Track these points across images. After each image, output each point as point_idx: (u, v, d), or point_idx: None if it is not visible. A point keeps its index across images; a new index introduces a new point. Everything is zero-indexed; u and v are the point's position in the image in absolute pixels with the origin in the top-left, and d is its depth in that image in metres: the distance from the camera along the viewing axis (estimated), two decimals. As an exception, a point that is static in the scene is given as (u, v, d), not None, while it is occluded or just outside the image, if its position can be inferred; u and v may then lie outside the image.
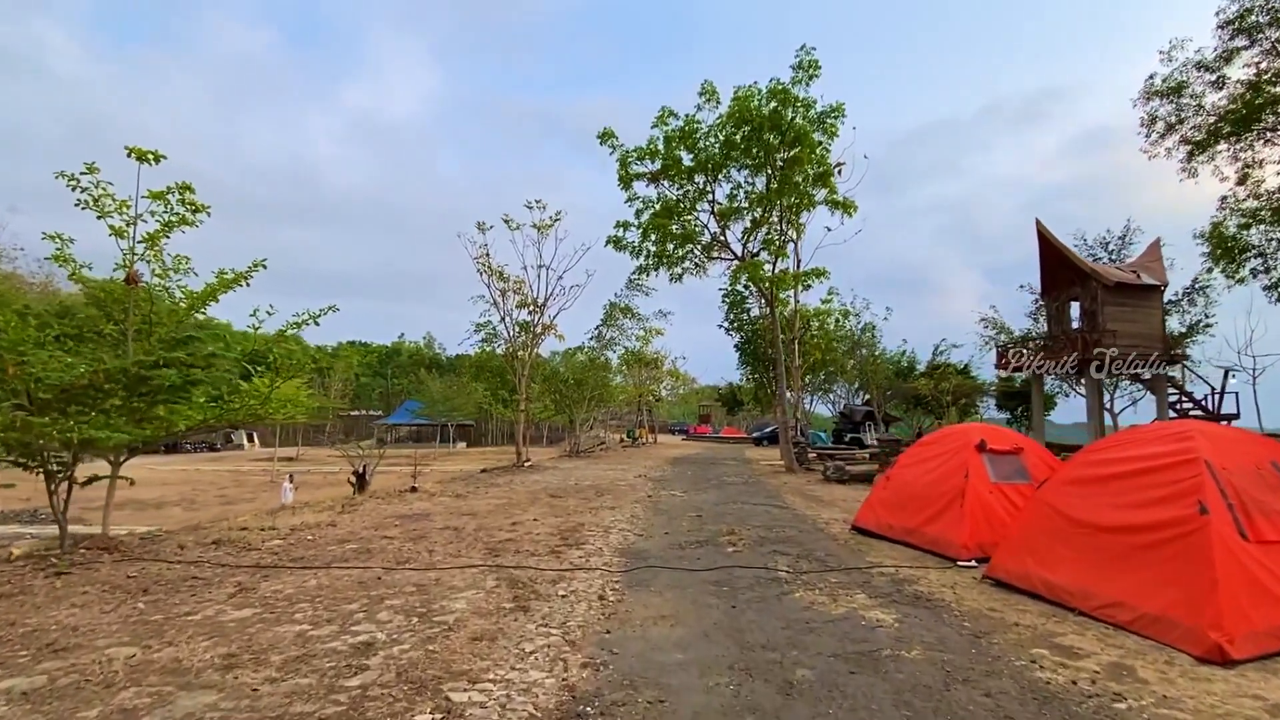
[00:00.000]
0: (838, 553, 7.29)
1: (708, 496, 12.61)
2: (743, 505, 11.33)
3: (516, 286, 20.00)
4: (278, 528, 8.19)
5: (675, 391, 50.16)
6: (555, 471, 18.13)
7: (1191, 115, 16.09)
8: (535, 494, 12.35)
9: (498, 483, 14.41)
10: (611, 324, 26.09)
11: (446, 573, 5.90)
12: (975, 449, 7.53)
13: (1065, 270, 18.21)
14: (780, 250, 17.94)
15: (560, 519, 9.28)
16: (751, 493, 13.41)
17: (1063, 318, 18.78)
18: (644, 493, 12.98)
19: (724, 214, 19.35)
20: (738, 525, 9.06)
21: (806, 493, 13.53)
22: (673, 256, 20.02)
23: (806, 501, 12.03)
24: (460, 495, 12.00)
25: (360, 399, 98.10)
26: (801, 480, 16.38)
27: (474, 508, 10.32)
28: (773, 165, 17.76)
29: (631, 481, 15.30)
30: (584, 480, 15.34)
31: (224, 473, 39.03)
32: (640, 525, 8.99)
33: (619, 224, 18.76)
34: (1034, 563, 5.58)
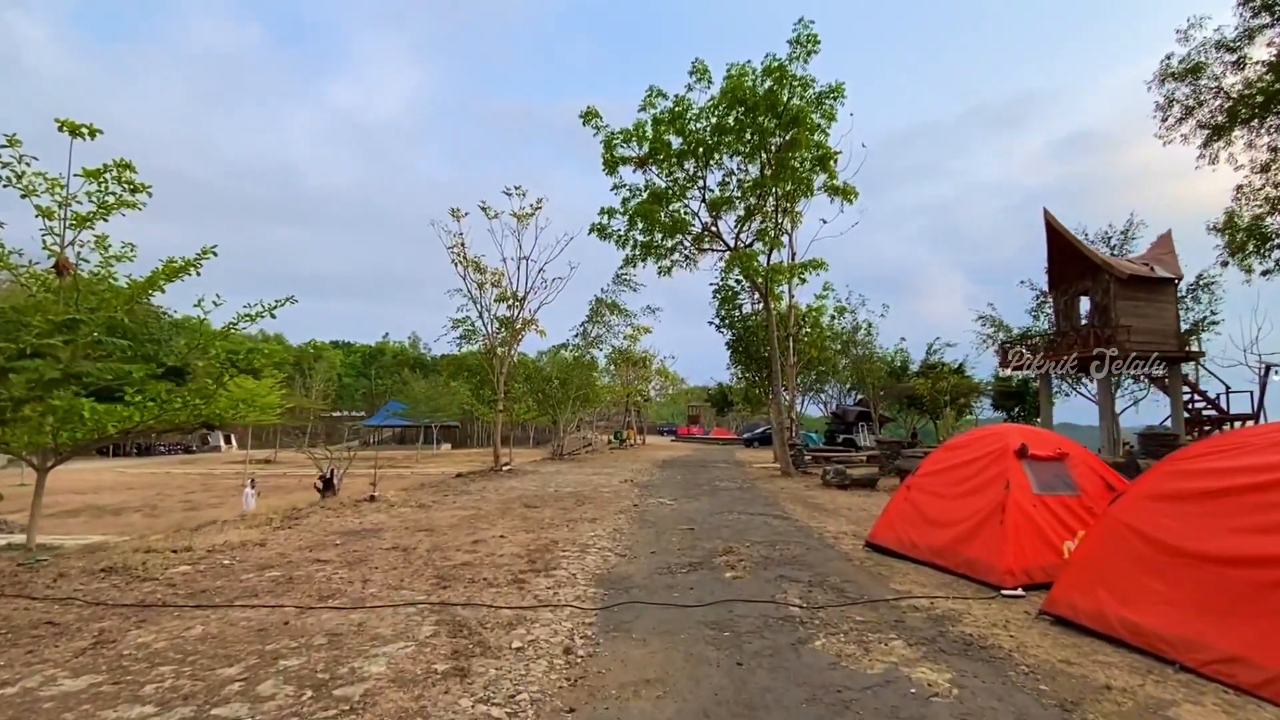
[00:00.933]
0: (855, 578, 6.15)
1: (700, 505, 11.46)
2: (739, 515, 10.19)
3: (495, 279, 18.77)
4: (193, 548, 6.93)
5: (664, 392, 49.02)
6: (535, 476, 16.91)
7: (1211, 98, 15.19)
8: (508, 503, 11.14)
9: (469, 490, 13.18)
10: (597, 320, 24.91)
11: (376, 613, 4.70)
12: (1015, 455, 6.43)
13: (1075, 263, 17.27)
14: (775, 241, 16.84)
15: (531, 535, 8.08)
16: (747, 500, 12.29)
17: (1071, 313, 17.84)
18: (629, 501, 11.81)
19: (715, 204, 18.23)
20: (735, 541, 7.91)
21: (807, 500, 12.42)
22: (661, 248, 18.87)
23: (808, 510, 10.90)
24: (423, 505, 10.76)
25: (342, 400, 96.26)
26: (799, 485, 15.27)
27: (435, 521, 9.10)
28: (768, 151, 16.67)
29: (616, 488, 14.12)
30: (564, 486, 14.14)
31: (195, 476, 37.38)
32: (623, 542, 7.81)
33: (603, 210, 17.58)
34: (1112, 599, 4.47)
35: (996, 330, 29.36)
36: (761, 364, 24.76)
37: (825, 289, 25.25)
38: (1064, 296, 17.99)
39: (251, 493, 20.27)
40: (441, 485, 14.21)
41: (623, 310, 25.15)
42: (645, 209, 16.79)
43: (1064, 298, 17.99)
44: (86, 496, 23.54)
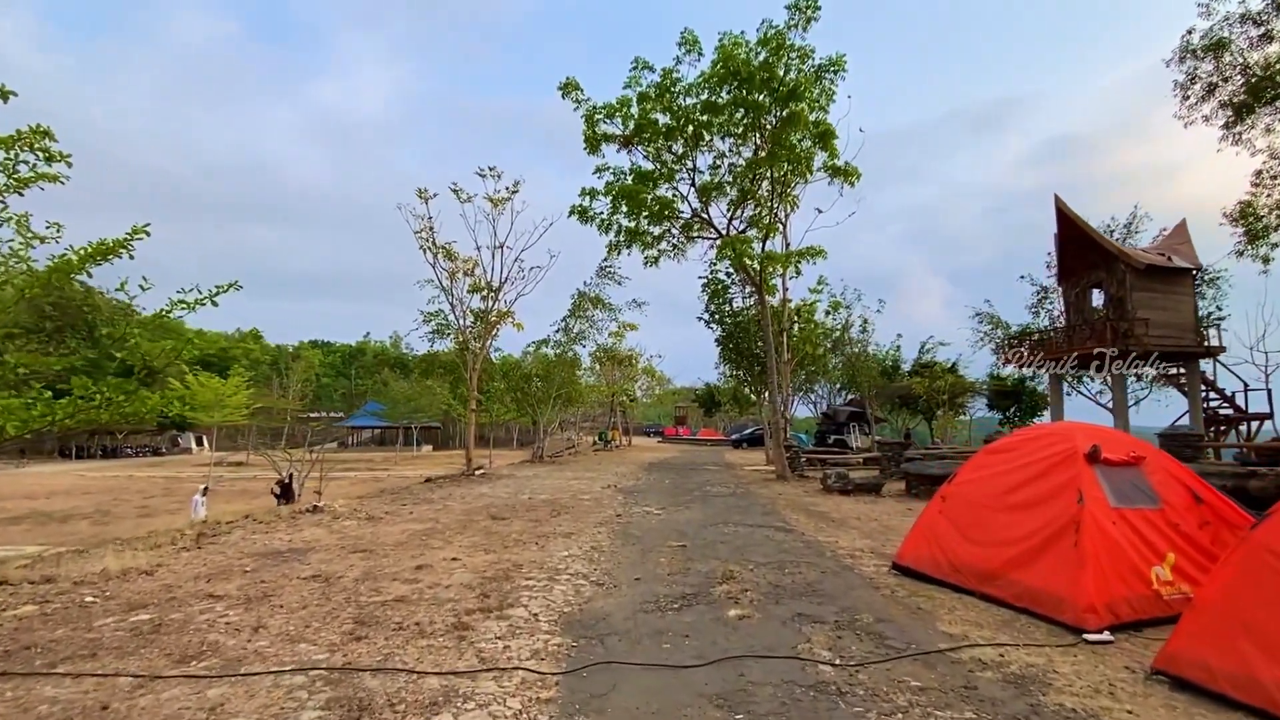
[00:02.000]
0: (892, 615, 4.88)
1: (691, 515, 10.17)
2: (736, 528, 8.91)
3: (468, 268, 17.37)
4: (58, 578, 5.51)
5: (650, 392, 47.70)
6: (510, 481, 15.53)
7: (1236, 75, 14.20)
8: (472, 514, 9.76)
9: (432, 498, 11.78)
10: (580, 315, 23.52)
11: (247, 686, 3.34)
12: (1086, 459, 5.20)
13: (1087, 252, 16.23)
14: (770, 227, 15.61)
15: (491, 557, 6.73)
16: (744, 508, 11.01)
17: (1083, 305, 16.80)
18: (611, 510, 10.48)
19: (705, 189, 16.98)
20: (736, 561, 6.62)
21: (809, 508, 11.18)
22: (646, 234, 17.57)
23: (813, 521, 9.65)
24: (372, 518, 9.35)
25: (321, 400, 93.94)
26: (797, 490, 14.04)
27: (378, 538, 7.71)
28: (762, 131, 15.45)
29: (598, 494, 12.80)
30: (540, 493, 12.79)
31: (158, 479, 35.53)
32: (602, 565, 6.49)
33: (584, 191, 16.23)
34: (1264, 658, 3.24)
35: (994, 328, 28.41)
36: (753, 361, 23.58)
37: (820, 283, 24.14)
38: (1075, 289, 16.95)
39: (201, 500, 18.68)
40: (403, 492, 12.80)
41: (607, 305, 23.85)
42: (630, 189, 15.46)
43: (1075, 290, 16.95)
44: (37, 502, 21.91)
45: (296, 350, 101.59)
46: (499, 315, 17.57)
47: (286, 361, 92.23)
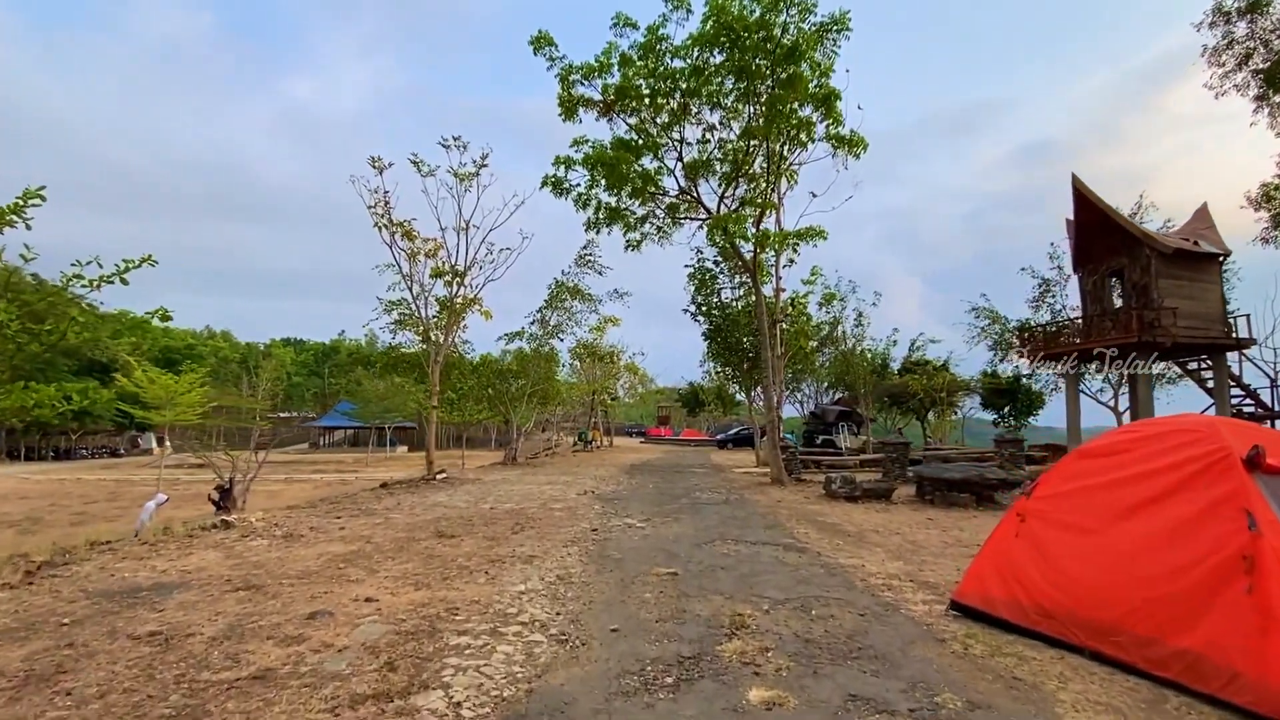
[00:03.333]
0: (984, 693, 3.35)
1: (681, 528, 8.59)
2: (737, 546, 7.35)
3: (432, 250, 15.62)
4: None
5: (633, 390, 46.06)
6: (474, 487, 13.82)
7: (1275, 39, 13.01)
8: (416, 530, 8.08)
9: (377, 507, 10.04)
10: (558, 305, 21.83)
11: None
12: (1244, 465, 3.71)
13: (1107, 237, 14.96)
14: (766, 203, 14.08)
15: (421, 594, 5.09)
16: (742, 519, 9.46)
17: (1103, 295, 15.52)
18: (586, 523, 8.86)
19: (693, 167, 15.44)
20: (746, 599, 5.06)
21: (816, 518, 9.66)
22: (628, 213, 16.00)
23: (827, 536, 8.12)
24: (291, 535, 7.62)
25: (292, 400, 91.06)
26: (798, 496, 12.54)
27: (284, 566, 6.01)
28: (757, 100, 13.92)
29: (572, 502, 11.17)
30: (506, 501, 11.12)
31: (109, 482, 33.21)
32: (568, 606, 4.88)
33: (559, 160, 14.55)
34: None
35: (992, 323, 27.24)
36: (742, 357, 22.06)
37: (813, 274, 22.69)
38: (1093, 277, 15.67)
39: (153, 507, 16.70)
40: (345, 500, 11.04)
41: (586, 295, 22.18)
42: (610, 158, 13.80)
43: (1093, 278, 15.67)
44: (-49, 507, 19.81)
45: (267, 348, 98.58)
46: (465, 302, 15.85)
47: (256, 360, 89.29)
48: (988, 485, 11.55)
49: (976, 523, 9.59)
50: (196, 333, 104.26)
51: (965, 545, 7.62)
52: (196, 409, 36.51)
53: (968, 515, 10.39)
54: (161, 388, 34.34)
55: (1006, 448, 15.35)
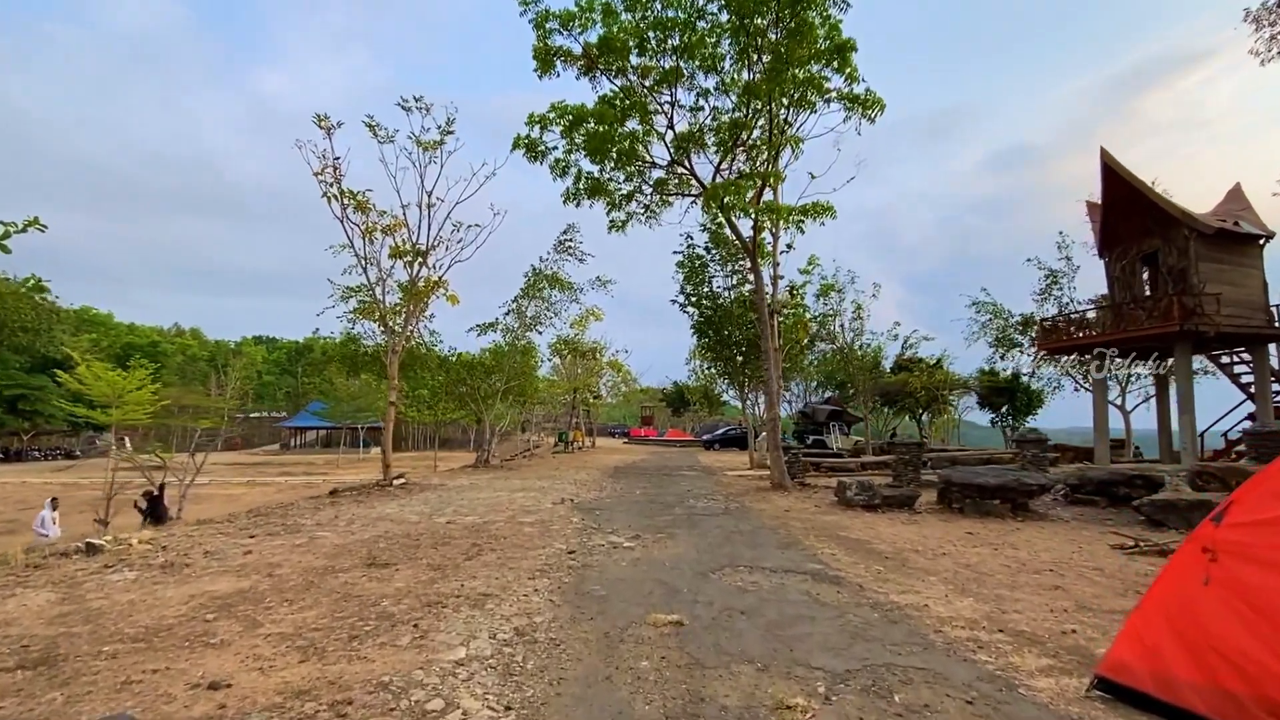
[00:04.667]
0: None
1: (679, 549, 6.95)
2: (754, 575, 5.73)
3: (393, 228, 13.81)
4: None
5: (617, 389, 44.32)
6: (435, 495, 12.05)
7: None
8: (340, 556, 6.32)
9: (305, 524, 8.23)
10: (535, 295, 20.06)
11: None
12: None
13: (1139, 217, 13.62)
14: (770, 173, 12.46)
15: (304, 670, 3.38)
16: (750, 535, 7.84)
17: (1133, 281, 14.18)
18: (562, 542, 7.18)
19: (685, 139, 13.84)
20: (786, 670, 3.45)
21: (837, 533, 8.08)
22: (612, 189, 14.37)
23: (860, 558, 6.54)
24: (175, 564, 5.83)
25: (263, 399, 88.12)
26: (806, 505, 10.97)
27: (135, 616, 4.26)
28: (758, 52, 12.34)
29: (546, 514, 9.47)
30: (467, 513, 9.38)
31: (54, 486, 30.81)
32: (525, 691, 3.22)
33: (533, 119, 12.79)
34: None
35: (993, 318, 25.99)
36: (734, 350, 20.51)
37: (810, 263, 21.24)
38: (1122, 261, 14.31)
39: (50, 515, 14.69)
40: (275, 512, 9.22)
41: (566, 284, 20.45)
42: (593, 113, 12.08)
43: (1121, 263, 14.31)
44: None
45: (238, 346, 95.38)
46: (428, 284, 14.04)
47: (226, 358, 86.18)
48: (1027, 491, 10.08)
49: (1025, 537, 8.10)
50: (164, 330, 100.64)
51: (1037, 571, 6.09)
52: (146, 408, 34.08)
53: (1009, 527, 8.90)
54: (108, 384, 31.85)
55: (1029, 448, 13.93)
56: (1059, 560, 6.67)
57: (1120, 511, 10.42)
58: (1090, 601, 5.09)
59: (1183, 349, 12.58)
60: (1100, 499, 11.12)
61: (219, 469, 37.21)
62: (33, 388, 53.11)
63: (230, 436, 69.90)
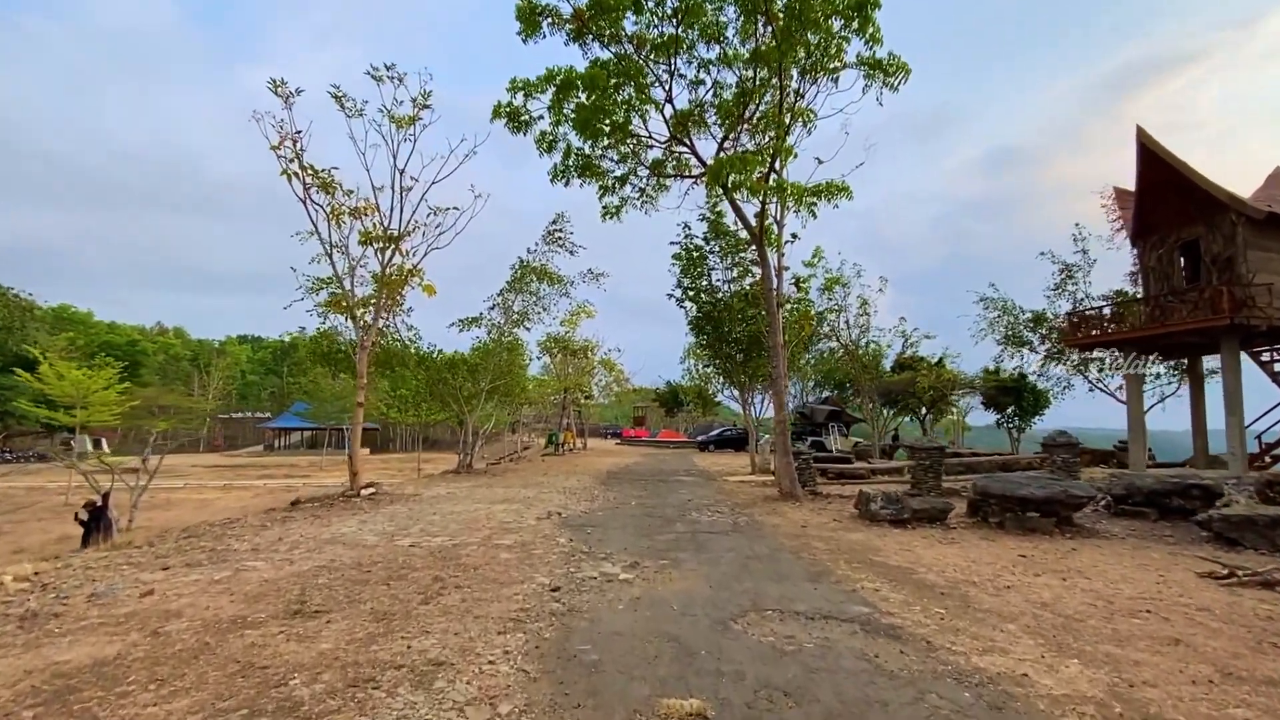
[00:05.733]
0: None
1: (687, 583, 5.70)
2: (788, 626, 4.49)
3: (363, 211, 12.47)
4: None
5: (609, 390, 42.97)
6: (406, 507, 10.74)
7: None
8: (261, 600, 5.02)
9: (237, 549, 6.89)
10: (522, 288, 18.73)
11: None
12: None
13: (1178, 201, 12.53)
14: (780, 146, 11.20)
15: None
16: (768, 559, 6.60)
17: (1171, 271, 13.06)
18: (544, 574, 5.92)
19: (684, 118, 12.61)
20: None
21: (871, 557, 6.86)
22: (601, 170, 13.13)
23: (911, 594, 5.32)
24: (28, 620, 4.52)
25: (247, 399, 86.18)
26: (824, 518, 9.74)
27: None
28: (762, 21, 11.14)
29: (528, 533, 8.19)
30: (437, 533, 8.09)
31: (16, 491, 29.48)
32: None
33: (515, 85, 11.45)
34: None
35: (1001, 314, 24.92)
36: (733, 348, 19.29)
37: (815, 256, 20.05)
38: (1158, 250, 13.19)
39: None
40: (210, 532, 7.87)
41: (556, 278, 19.12)
42: (587, 78, 10.76)
43: (1158, 252, 13.19)
44: None
45: (222, 346, 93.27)
46: (401, 273, 12.72)
47: (208, 358, 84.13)
48: (1076, 504, 8.92)
49: (1087, 560, 6.91)
50: (145, 329, 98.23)
51: (1133, 614, 4.91)
52: (113, 408, 32.36)
53: (1062, 547, 7.72)
54: (71, 384, 30.19)
55: (1059, 453, 12.80)
56: (1147, 595, 5.49)
57: (1176, 526, 9.29)
58: (1230, 664, 3.90)
59: (1230, 343, 11.51)
60: (1149, 511, 9.98)
61: (198, 472, 35.65)
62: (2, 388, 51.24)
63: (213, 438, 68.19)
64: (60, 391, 30.45)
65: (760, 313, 17.91)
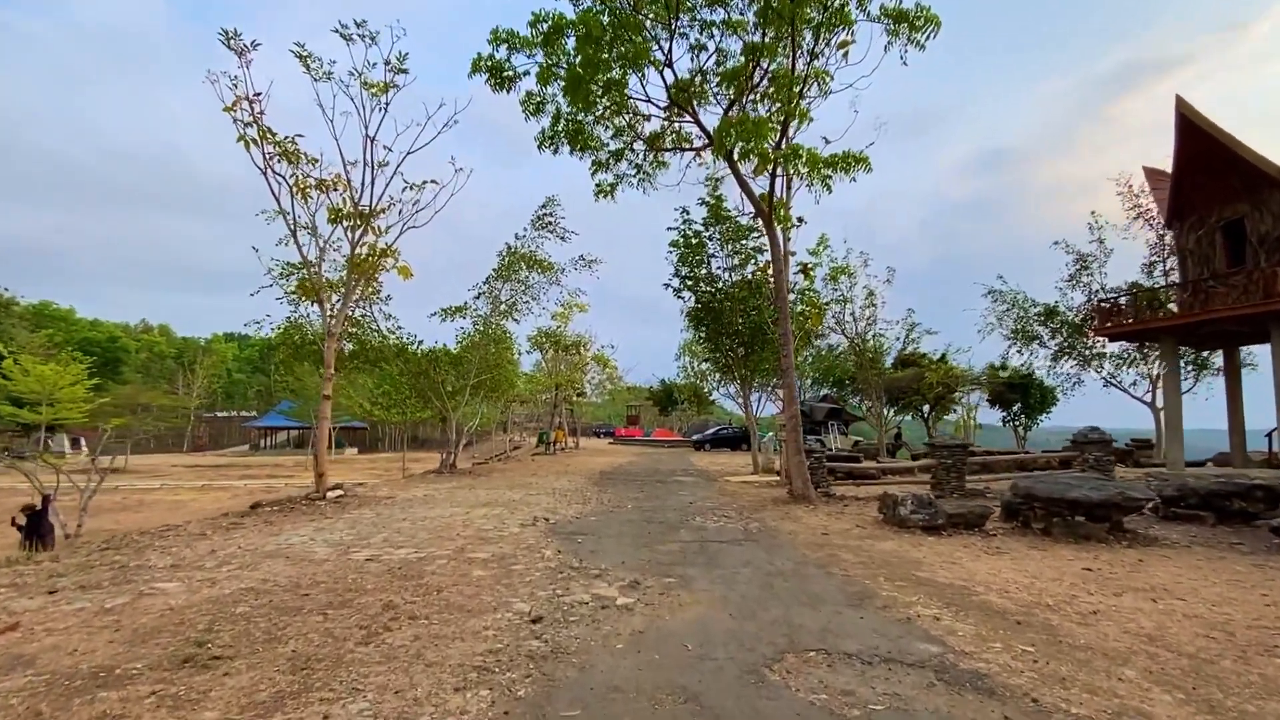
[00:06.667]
0: None
1: (701, 608, 4.60)
2: (844, 676, 3.40)
3: (331, 184, 11.28)
4: None
5: (602, 387, 41.77)
6: (373, 512, 9.59)
7: None
8: (148, 641, 3.89)
9: (155, 565, 5.73)
10: (510, 277, 17.56)
11: None
12: None
13: (1222, 178, 11.54)
14: (794, 108, 10.10)
15: None
16: (797, 579, 5.52)
17: (1211, 253, 12.08)
18: (524, 598, 4.80)
19: (683, 87, 11.53)
20: None
21: (914, 573, 5.79)
22: (597, 147, 12.04)
23: (988, 628, 4.24)
24: None
25: (233, 398, 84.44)
26: (845, 524, 8.67)
27: None
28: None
29: (509, 543, 7.07)
30: (402, 543, 6.96)
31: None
32: None
33: (496, 37, 10.29)
34: None
35: (1011, 308, 23.98)
36: (734, 341, 18.20)
37: (820, 243, 19.03)
38: (1198, 231, 12.21)
39: None
40: (131, 544, 6.70)
41: (546, 266, 17.98)
42: (580, 23, 9.57)
43: (1197, 233, 12.21)
44: None
45: (208, 344, 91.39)
46: (373, 253, 11.55)
47: (194, 356, 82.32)
48: (1134, 507, 7.88)
49: (1166, 574, 5.88)
50: (129, 326, 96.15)
51: (1265, 649, 3.85)
52: (81, 406, 30.92)
53: (1126, 557, 6.68)
54: (36, 380, 28.73)
55: (1091, 450, 11.81)
56: (1266, 623, 4.45)
57: (1240, 531, 8.29)
58: None
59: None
60: (1206, 514, 8.98)
61: (178, 472, 34.23)
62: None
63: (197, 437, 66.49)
64: (26, 388, 29.04)
65: (764, 303, 16.85)
